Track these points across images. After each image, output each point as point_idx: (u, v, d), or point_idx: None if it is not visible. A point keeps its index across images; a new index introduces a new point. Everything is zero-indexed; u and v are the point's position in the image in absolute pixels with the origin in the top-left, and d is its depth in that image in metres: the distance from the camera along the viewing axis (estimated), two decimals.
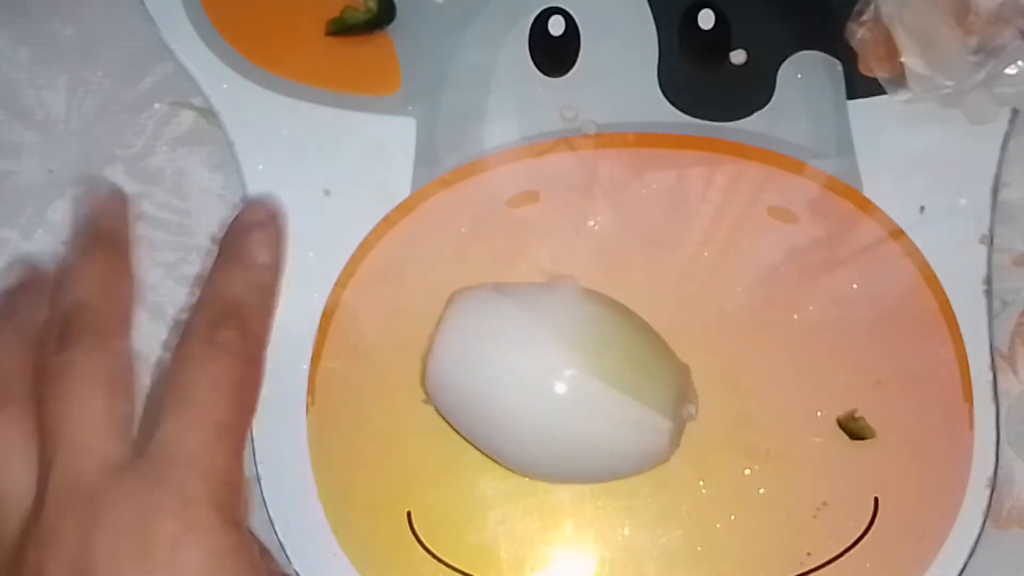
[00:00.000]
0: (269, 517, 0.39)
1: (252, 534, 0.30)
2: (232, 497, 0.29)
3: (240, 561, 0.29)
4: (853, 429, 0.39)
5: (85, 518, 0.28)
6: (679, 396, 0.37)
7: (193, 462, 0.29)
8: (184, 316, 0.41)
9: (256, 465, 0.39)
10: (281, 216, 0.38)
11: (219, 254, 0.37)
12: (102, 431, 0.29)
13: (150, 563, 0.27)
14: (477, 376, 0.34)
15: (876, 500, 0.39)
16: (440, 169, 0.41)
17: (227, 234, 0.37)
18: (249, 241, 0.36)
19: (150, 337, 0.41)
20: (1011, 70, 0.40)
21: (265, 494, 0.39)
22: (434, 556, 0.39)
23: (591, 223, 0.41)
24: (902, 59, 0.40)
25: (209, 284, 0.35)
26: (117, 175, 0.42)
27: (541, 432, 0.35)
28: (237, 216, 0.38)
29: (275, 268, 0.37)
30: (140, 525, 0.28)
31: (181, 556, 0.28)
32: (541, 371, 0.35)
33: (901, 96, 0.41)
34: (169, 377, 0.31)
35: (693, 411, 0.38)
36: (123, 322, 0.33)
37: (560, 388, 0.35)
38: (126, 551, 0.28)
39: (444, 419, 0.38)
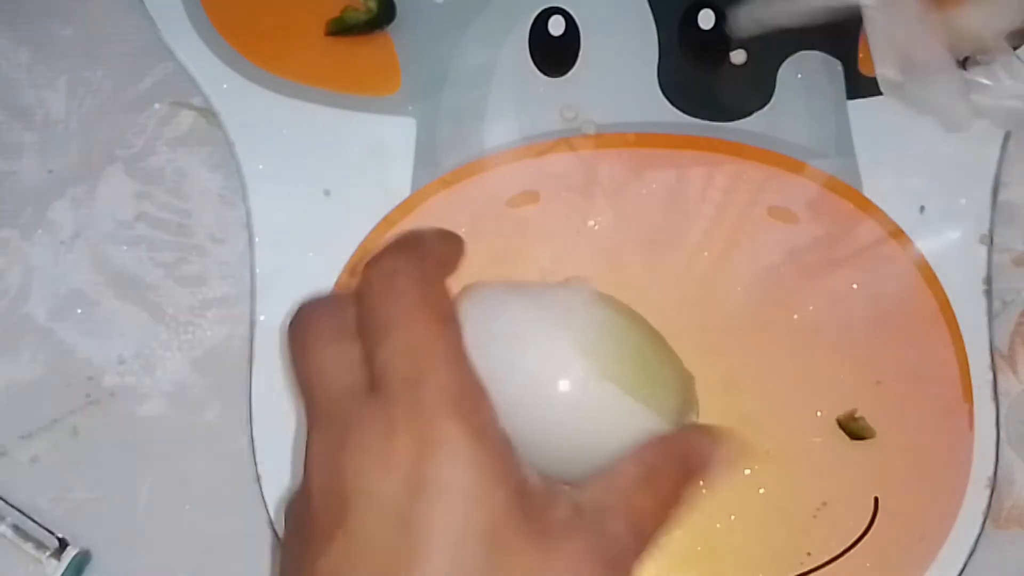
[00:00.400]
0: (269, 517, 0.39)
1: (506, 442, 0.29)
2: (472, 400, 0.29)
3: (487, 471, 0.28)
4: (853, 429, 0.39)
5: (334, 440, 0.28)
6: (684, 404, 0.37)
7: (418, 381, 0.28)
8: (184, 316, 0.41)
9: (256, 465, 0.39)
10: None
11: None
12: (346, 365, 0.29)
13: (394, 475, 0.27)
14: (485, 371, 0.34)
15: (876, 500, 0.39)
16: (440, 169, 0.41)
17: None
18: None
19: (150, 337, 0.41)
20: (988, 81, 0.40)
21: (265, 494, 0.39)
22: None
23: (591, 223, 0.41)
24: (876, 67, 0.41)
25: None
26: (117, 175, 0.42)
27: (547, 431, 0.35)
28: None
29: (452, 241, 0.33)
30: (381, 441, 0.28)
31: (422, 470, 0.27)
32: (552, 370, 0.35)
33: None
34: (362, 313, 0.30)
35: (695, 420, 0.38)
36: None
37: (570, 389, 0.35)
38: (369, 467, 0.28)
39: None
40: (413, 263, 0.30)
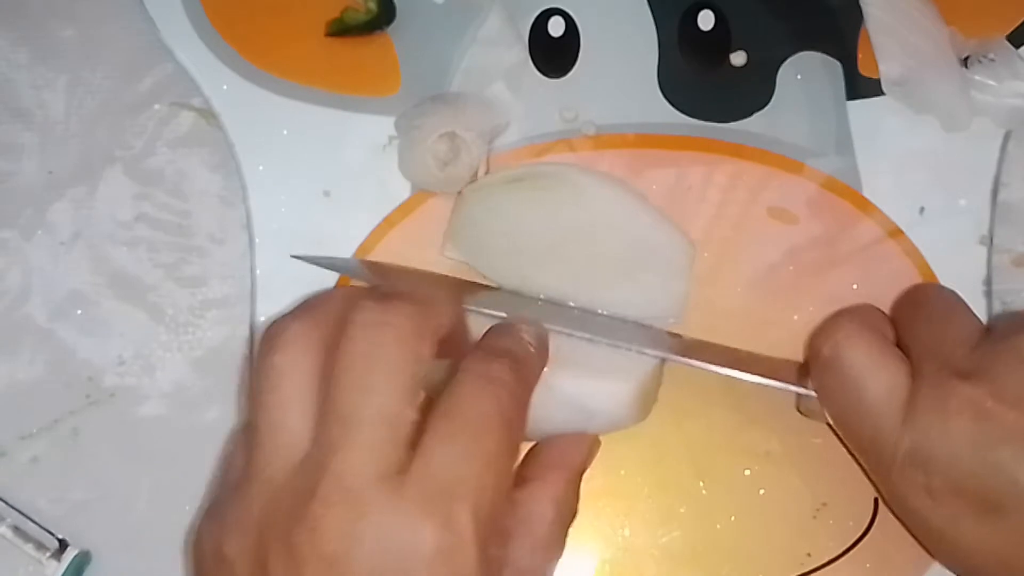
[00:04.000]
0: None
1: (507, 551, 0.30)
2: (493, 530, 0.29)
3: None
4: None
5: (351, 523, 0.28)
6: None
7: (464, 496, 0.28)
8: (184, 317, 0.41)
9: None
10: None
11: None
12: (386, 432, 0.29)
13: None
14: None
15: (876, 500, 0.39)
16: None
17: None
18: (516, 327, 0.35)
19: (150, 338, 0.41)
20: (990, 80, 0.40)
21: None
22: None
23: None
24: (879, 65, 0.41)
25: (477, 344, 0.34)
26: (117, 176, 0.42)
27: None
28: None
29: (541, 352, 0.35)
30: (402, 551, 0.28)
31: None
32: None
33: None
34: (441, 405, 0.30)
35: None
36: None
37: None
38: (383, 563, 0.28)
39: None
40: (518, 386, 0.31)
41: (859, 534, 0.39)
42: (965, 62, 0.41)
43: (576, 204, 0.39)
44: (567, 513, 0.33)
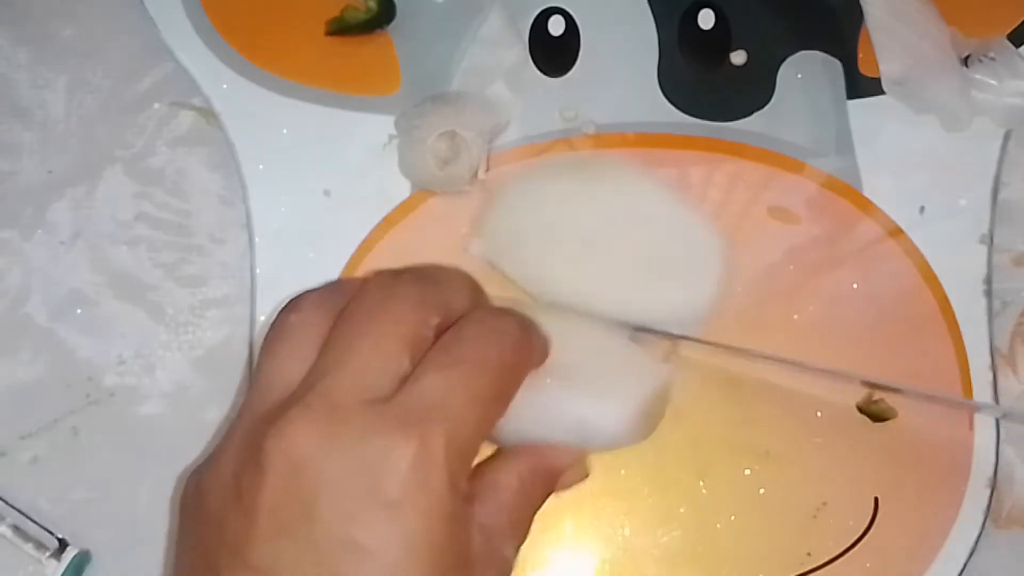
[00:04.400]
0: None
1: (472, 507, 0.30)
2: (464, 467, 0.29)
3: (456, 531, 0.29)
4: (874, 412, 0.39)
5: (326, 431, 0.28)
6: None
7: (442, 421, 0.29)
8: (184, 317, 0.41)
9: None
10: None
11: None
12: (378, 364, 0.29)
13: (370, 504, 0.28)
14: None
15: (876, 500, 0.39)
16: None
17: None
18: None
19: (150, 337, 0.41)
20: (990, 79, 0.40)
21: None
22: None
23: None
24: (880, 65, 0.41)
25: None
26: (117, 175, 0.42)
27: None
28: None
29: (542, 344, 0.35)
30: (374, 463, 0.28)
31: (401, 509, 0.28)
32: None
33: None
34: (442, 340, 0.30)
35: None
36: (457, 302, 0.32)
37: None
38: (351, 484, 0.28)
39: None
40: (522, 340, 0.31)
41: (859, 534, 0.39)
42: (965, 61, 0.41)
43: (619, 195, 0.39)
44: (532, 493, 0.33)
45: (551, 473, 0.34)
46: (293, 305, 0.32)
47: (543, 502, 0.33)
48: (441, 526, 0.28)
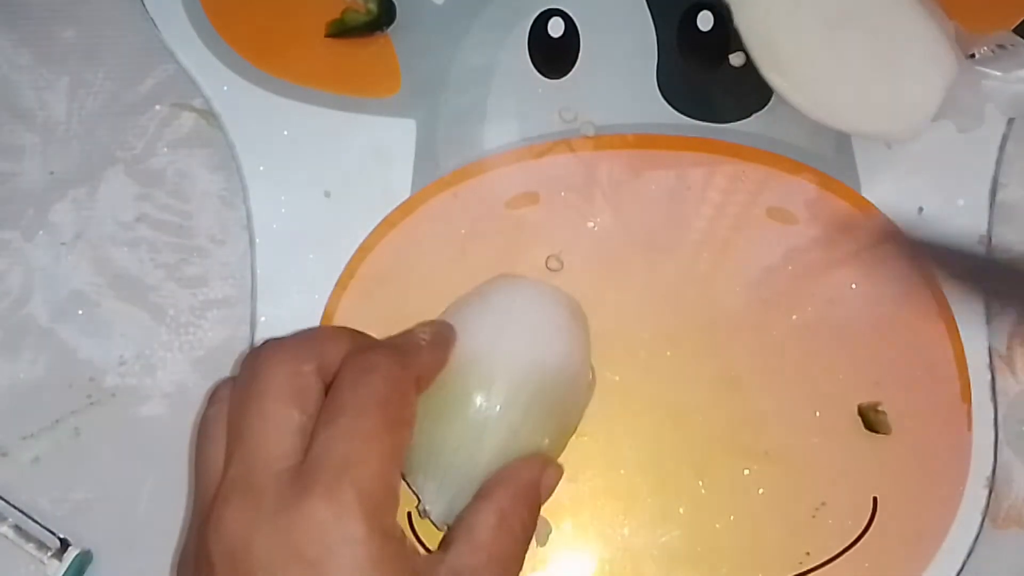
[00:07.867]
0: None
1: (408, 540, 0.31)
2: (385, 505, 0.30)
3: (389, 571, 0.30)
4: (871, 420, 0.39)
5: (249, 513, 0.30)
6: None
7: (346, 471, 0.30)
8: (185, 317, 0.42)
9: None
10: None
11: None
12: (271, 430, 0.31)
13: (297, 570, 0.29)
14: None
15: (875, 500, 0.39)
16: (440, 170, 0.41)
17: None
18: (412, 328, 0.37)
19: (150, 338, 0.41)
20: (998, 72, 0.40)
21: None
22: None
23: (590, 224, 0.41)
24: None
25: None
26: (118, 177, 0.43)
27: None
28: None
29: (436, 345, 0.36)
30: (293, 530, 0.29)
31: (324, 566, 0.29)
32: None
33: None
34: (332, 390, 0.32)
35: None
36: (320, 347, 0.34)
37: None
38: (278, 555, 0.29)
39: None
40: (393, 369, 0.32)
41: (858, 533, 0.39)
42: (971, 57, 0.41)
43: None
44: (517, 525, 0.34)
45: (531, 487, 0.35)
46: (212, 397, 0.34)
47: (534, 523, 0.34)
48: (371, 569, 0.29)
